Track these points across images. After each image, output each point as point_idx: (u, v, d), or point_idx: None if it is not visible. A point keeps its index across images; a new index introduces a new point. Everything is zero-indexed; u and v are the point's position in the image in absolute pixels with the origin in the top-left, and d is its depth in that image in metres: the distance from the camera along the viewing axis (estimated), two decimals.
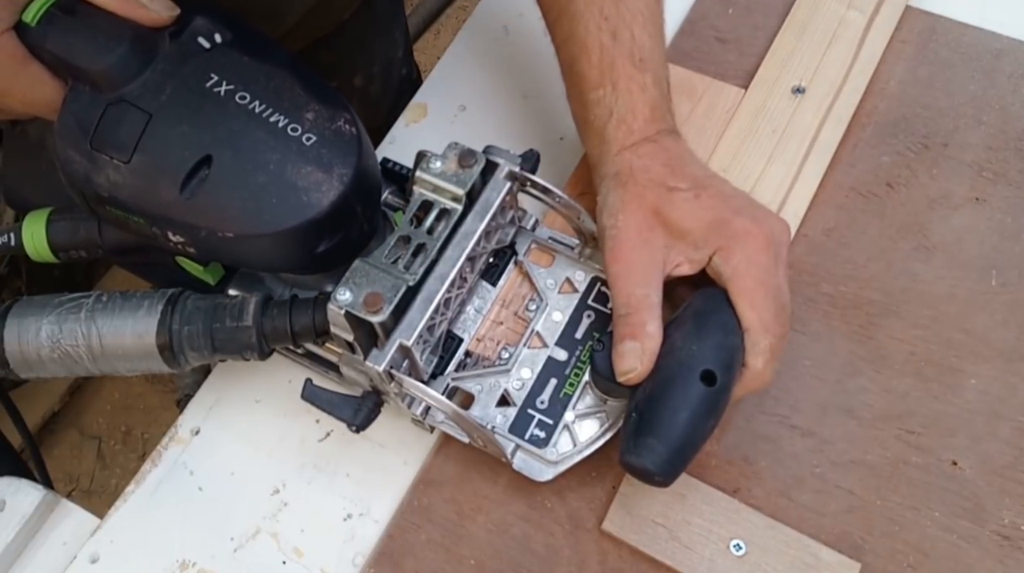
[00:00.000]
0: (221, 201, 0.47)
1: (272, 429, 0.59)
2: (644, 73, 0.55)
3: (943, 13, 0.70)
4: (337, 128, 0.49)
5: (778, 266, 0.51)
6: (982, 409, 0.55)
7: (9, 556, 0.56)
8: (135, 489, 0.58)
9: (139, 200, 0.48)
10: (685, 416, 0.47)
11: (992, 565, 0.51)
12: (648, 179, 0.53)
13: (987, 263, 0.60)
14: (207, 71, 0.48)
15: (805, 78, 0.67)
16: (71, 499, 0.59)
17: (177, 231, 0.49)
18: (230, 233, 0.48)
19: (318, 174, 0.47)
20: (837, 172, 0.64)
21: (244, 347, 0.51)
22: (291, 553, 0.55)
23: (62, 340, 0.50)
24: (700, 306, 0.51)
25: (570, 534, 0.54)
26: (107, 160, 0.47)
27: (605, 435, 0.54)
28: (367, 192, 0.51)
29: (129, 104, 0.47)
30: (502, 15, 0.76)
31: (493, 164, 0.53)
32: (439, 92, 0.72)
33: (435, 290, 0.50)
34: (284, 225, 0.47)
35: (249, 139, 0.47)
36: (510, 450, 0.53)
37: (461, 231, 0.52)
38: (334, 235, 0.50)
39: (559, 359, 0.56)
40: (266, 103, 0.48)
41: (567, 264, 0.59)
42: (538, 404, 0.55)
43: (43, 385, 1.51)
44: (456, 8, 1.92)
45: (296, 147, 0.48)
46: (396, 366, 0.50)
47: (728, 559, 0.51)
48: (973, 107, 0.66)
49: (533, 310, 0.58)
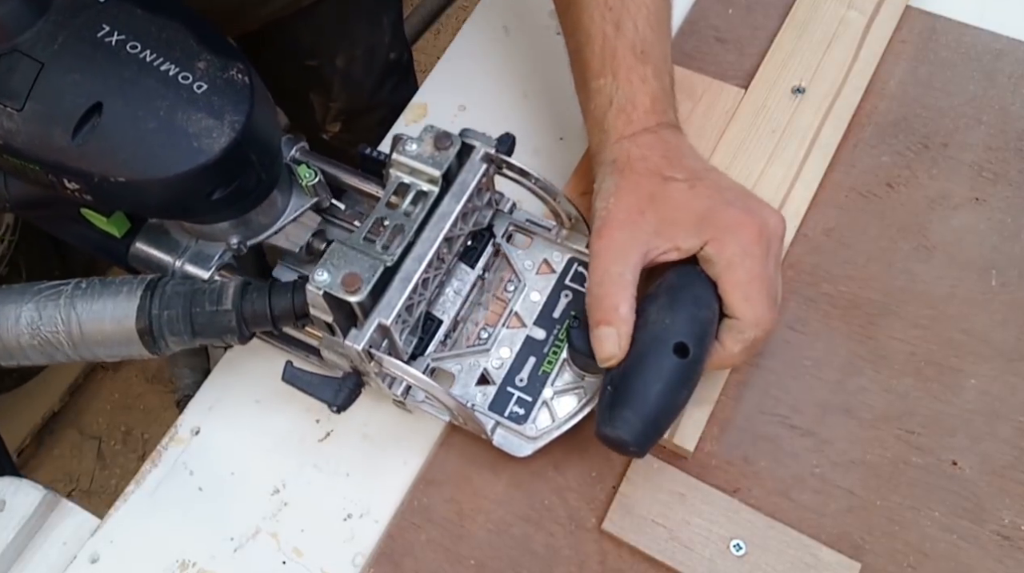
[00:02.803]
0: (112, 147, 0.48)
1: (272, 429, 0.59)
2: (645, 65, 0.56)
3: (943, 13, 0.70)
4: (229, 77, 0.50)
5: (770, 257, 0.51)
6: (982, 409, 0.55)
7: (9, 556, 0.56)
8: (135, 489, 0.58)
9: (33, 147, 0.49)
10: (659, 388, 0.48)
11: (992, 565, 0.51)
12: (645, 168, 0.53)
13: (987, 263, 0.60)
14: (99, 22, 0.49)
15: (805, 78, 0.67)
16: (71, 499, 0.59)
17: (72, 178, 0.50)
18: (122, 178, 0.48)
19: (208, 120, 0.48)
20: (837, 172, 0.64)
21: (224, 331, 0.51)
22: (291, 553, 0.55)
23: (42, 327, 0.51)
24: (673, 281, 0.52)
25: (570, 534, 0.54)
26: (1, 108, 0.48)
27: (583, 410, 0.55)
28: (262, 141, 0.52)
29: (22, 54, 0.48)
30: (502, 15, 0.76)
31: (469, 147, 0.54)
32: (439, 92, 0.73)
33: (413, 270, 0.51)
34: (175, 170, 0.48)
35: (139, 87, 0.48)
36: (490, 427, 0.54)
37: (438, 213, 0.53)
38: (228, 182, 0.51)
39: (537, 338, 0.57)
40: (157, 52, 0.49)
41: (544, 246, 0.61)
42: (517, 382, 0.56)
43: (43, 385, 1.51)
44: (456, 8, 1.92)
45: (186, 95, 0.48)
46: (375, 346, 0.50)
47: (728, 559, 0.51)
48: (973, 107, 0.66)
49: (511, 291, 0.59)
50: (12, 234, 1.29)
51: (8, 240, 1.28)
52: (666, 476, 0.54)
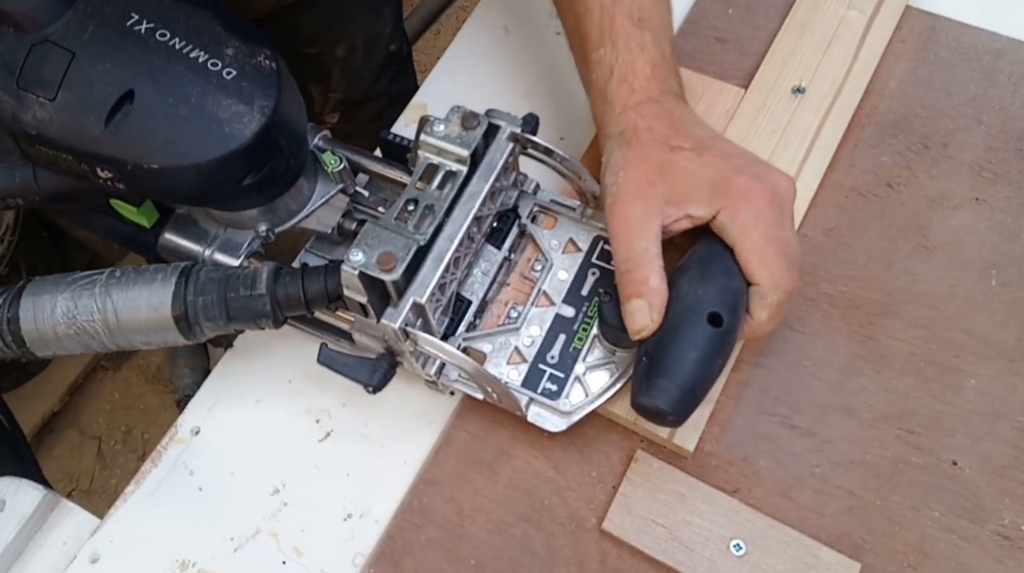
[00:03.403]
0: (144, 134, 0.49)
1: (272, 429, 0.59)
2: (643, 32, 0.56)
3: (943, 13, 0.70)
4: (257, 63, 0.50)
5: (783, 220, 0.51)
6: (982, 409, 0.55)
7: (9, 556, 0.56)
8: (135, 489, 0.58)
9: (66, 136, 0.50)
10: (694, 356, 0.49)
11: (992, 565, 0.51)
12: (652, 138, 0.53)
13: (987, 263, 0.60)
14: (127, 10, 0.50)
15: (805, 78, 0.67)
16: (71, 499, 0.59)
17: (105, 166, 0.50)
18: (155, 165, 0.49)
19: (239, 106, 0.49)
20: (837, 172, 0.64)
21: (259, 315, 0.52)
22: (291, 553, 0.55)
23: (78, 316, 0.51)
24: (704, 252, 0.52)
25: (570, 534, 0.54)
26: (33, 98, 0.49)
27: (616, 385, 0.55)
28: (290, 127, 0.52)
29: (53, 44, 0.49)
30: (502, 15, 0.76)
31: (495, 126, 0.55)
32: (439, 92, 0.73)
33: (445, 249, 0.51)
34: (207, 156, 0.49)
35: (169, 74, 0.49)
36: (524, 403, 0.55)
37: (467, 192, 0.53)
38: (259, 168, 0.51)
39: (567, 316, 0.58)
40: (186, 40, 0.50)
41: (570, 225, 0.61)
42: (549, 359, 0.56)
43: (43, 385, 1.51)
44: (456, 8, 1.92)
45: (216, 81, 0.49)
46: (410, 324, 0.51)
47: (728, 559, 0.51)
48: (973, 107, 0.66)
49: (539, 270, 0.60)
50: (12, 234, 1.29)
51: (8, 240, 1.28)
52: (666, 476, 0.54)
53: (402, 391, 0.59)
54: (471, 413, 0.58)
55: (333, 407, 0.60)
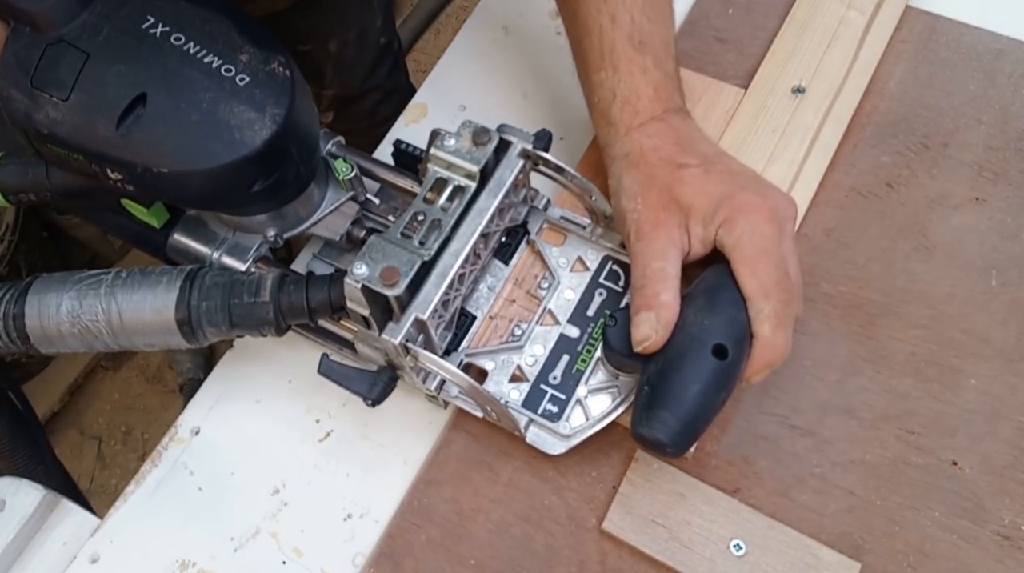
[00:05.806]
0: (155, 138, 0.49)
1: (272, 429, 0.59)
2: (645, 55, 0.56)
3: (943, 13, 0.70)
4: (271, 70, 0.50)
5: (783, 237, 0.51)
6: (982, 409, 0.55)
7: (9, 556, 0.56)
8: (135, 489, 0.58)
9: (78, 137, 0.50)
10: (697, 389, 0.48)
11: (992, 565, 0.51)
12: (659, 158, 0.53)
13: (987, 263, 0.60)
14: (143, 13, 0.50)
15: (805, 78, 0.67)
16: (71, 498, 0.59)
17: (115, 168, 0.50)
18: (165, 169, 0.49)
19: (250, 113, 0.49)
20: (837, 172, 0.64)
21: (262, 322, 0.52)
22: (291, 553, 0.55)
23: (82, 315, 0.51)
24: (711, 282, 0.51)
25: (570, 534, 0.54)
26: (47, 98, 0.49)
27: (617, 409, 0.54)
28: (302, 135, 0.52)
29: (68, 44, 0.49)
30: (502, 15, 0.76)
31: (506, 142, 0.55)
32: (439, 92, 0.72)
33: (449, 265, 0.51)
34: (217, 162, 0.49)
35: (183, 78, 0.49)
36: (523, 424, 0.54)
37: (475, 208, 0.53)
38: (268, 175, 0.51)
39: (571, 336, 0.57)
40: (200, 44, 0.50)
41: (579, 243, 0.60)
42: (551, 380, 0.56)
43: (43, 385, 1.51)
44: (456, 8, 1.92)
45: (229, 87, 0.49)
46: (411, 340, 0.51)
47: (728, 559, 0.51)
48: (973, 107, 0.66)
49: (545, 288, 0.59)
50: (12, 234, 1.29)
51: (8, 240, 1.28)
52: (666, 476, 0.54)
53: (402, 392, 0.59)
54: (471, 414, 0.58)
55: (333, 407, 0.60)
